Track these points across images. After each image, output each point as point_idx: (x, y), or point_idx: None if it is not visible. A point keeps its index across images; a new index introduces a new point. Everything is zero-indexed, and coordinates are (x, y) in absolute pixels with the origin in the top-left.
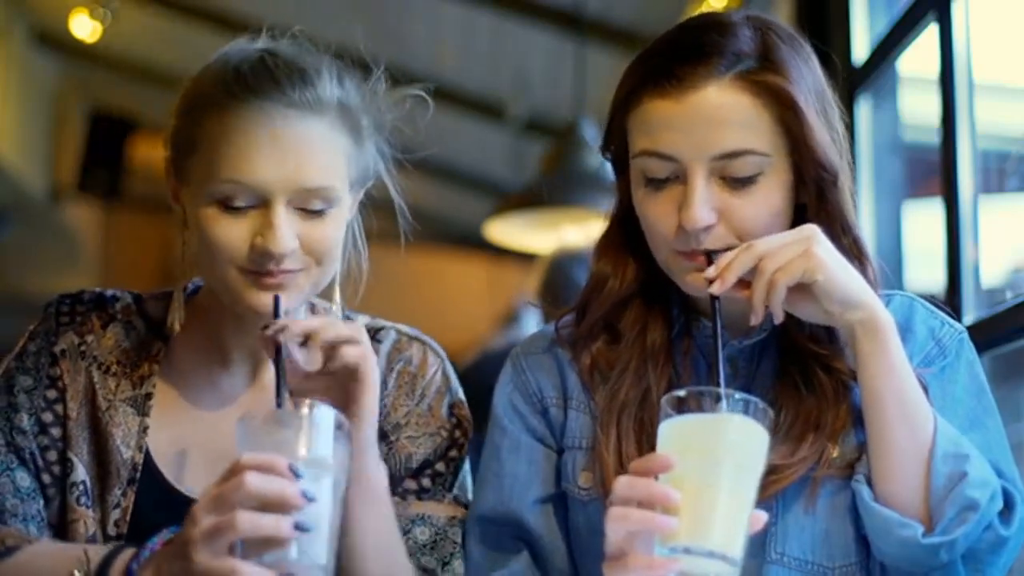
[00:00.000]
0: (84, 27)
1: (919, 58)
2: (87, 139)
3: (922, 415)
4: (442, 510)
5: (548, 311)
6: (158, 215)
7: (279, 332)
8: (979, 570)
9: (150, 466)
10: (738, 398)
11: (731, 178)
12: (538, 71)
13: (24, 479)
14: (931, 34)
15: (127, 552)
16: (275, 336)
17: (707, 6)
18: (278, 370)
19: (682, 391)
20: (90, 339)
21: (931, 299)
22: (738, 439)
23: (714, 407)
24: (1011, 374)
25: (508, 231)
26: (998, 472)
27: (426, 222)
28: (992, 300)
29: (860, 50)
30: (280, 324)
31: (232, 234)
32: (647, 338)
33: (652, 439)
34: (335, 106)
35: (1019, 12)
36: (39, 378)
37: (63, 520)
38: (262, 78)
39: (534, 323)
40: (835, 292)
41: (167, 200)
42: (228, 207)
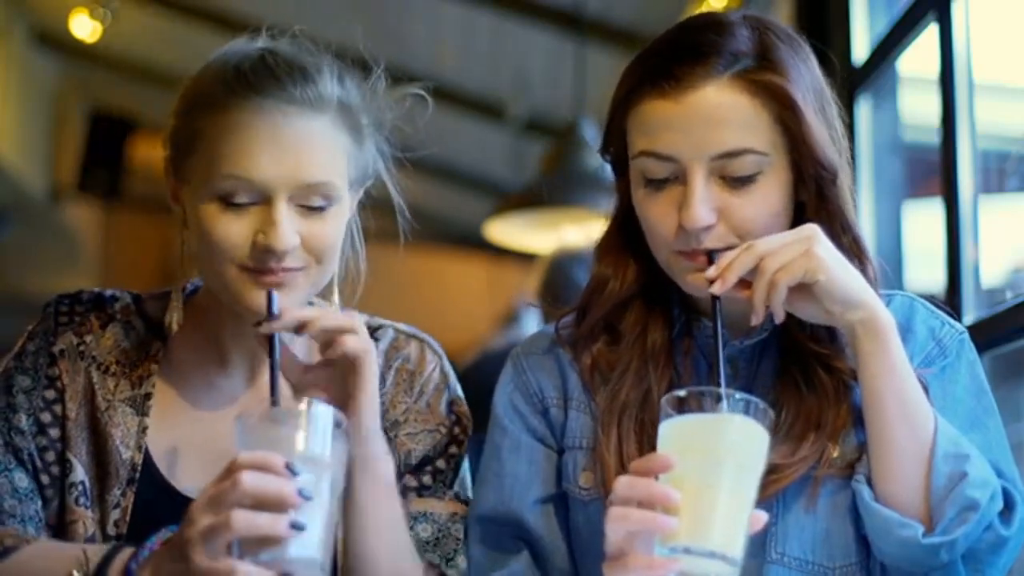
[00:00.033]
0: (84, 27)
1: (919, 58)
2: (87, 139)
3: (922, 415)
4: (443, 507)
5: (548, 311)
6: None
7: (271, 323)
8: (979, 570)
9: (149, 466)
10: (738, 398)
11: (731, 177)
12: (538, 71)
13: (22, 480)
14: (931, 34)
15: (126, 552)
16: (268, 330)
17: (707, 6)
18: (272, 366)
19: (682, 391)
20: (89, 339)
21: (931, 299)
22: (738, 439)
23: (715, 407)
24: (1011, 374)
25: (508, 231)
26: (998, 472)
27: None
28: (992, 300)
29: (860, 50)
30: (273, 318)
31: (233, 231)
32: (648, 339)
33: (653, 440)
34: (335, 104)
35: (1019, 12)
36: (38, 378)
37: (62, 521)
38: (263, 76)
39: (534, 323)
40: (836, 292)
41: (167, 200)
42: (229, 204)
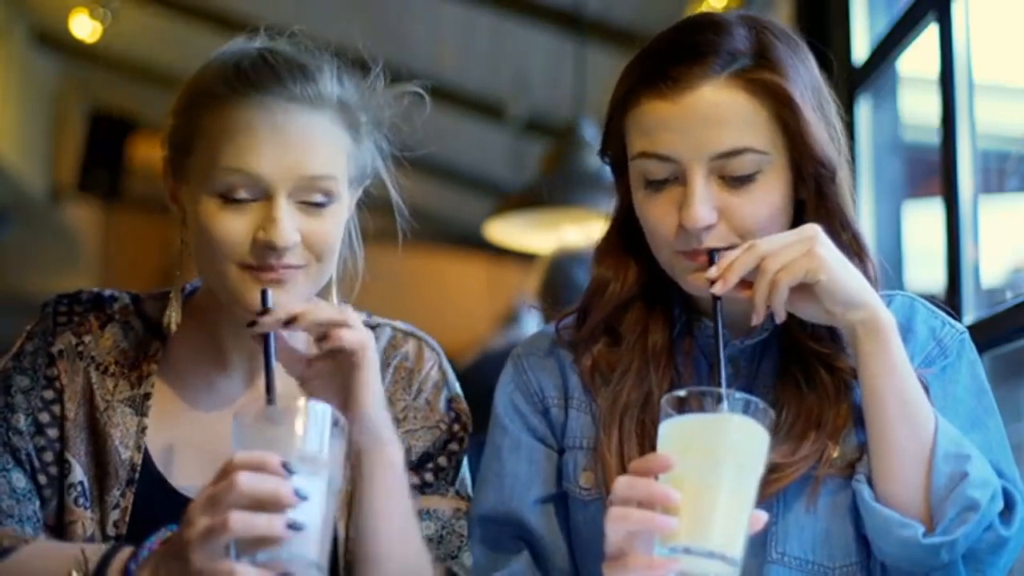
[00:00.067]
0: (84, 27)
1: (919, 58)
2: (87, 139)
3: (923, 415)
4: (446, 504)
5: (548, 311)
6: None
7: (263, 320)
8: (979, 570)
9: (149, 466)
10: (739, 398)
11: (730, 177)
12: (538, 71)
13: (20, 480)
14: (931, 34)
15: (125, 552)
16: (261, 329)
17: (707, 6)
18: (268, 365)
19: (683, 391)
20: (88, 339)
21: (931, 299)
22: (739, 439)
23: (715, 407)
24: (1011, 374)
25: (508, 231)
26: (999, 472)
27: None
28: (992, 300)
29: (860, 50)
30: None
31: (233, 228)
32: (648, 340)
33: (654, 440)
34: (335, 102)
35: (1019, 12)
36: (36, 378)
37: (61, 521)
38: (263, 73)
39: (534, 323)
40: (837, 292)
41: (166, 200)
42: (229, 200)
